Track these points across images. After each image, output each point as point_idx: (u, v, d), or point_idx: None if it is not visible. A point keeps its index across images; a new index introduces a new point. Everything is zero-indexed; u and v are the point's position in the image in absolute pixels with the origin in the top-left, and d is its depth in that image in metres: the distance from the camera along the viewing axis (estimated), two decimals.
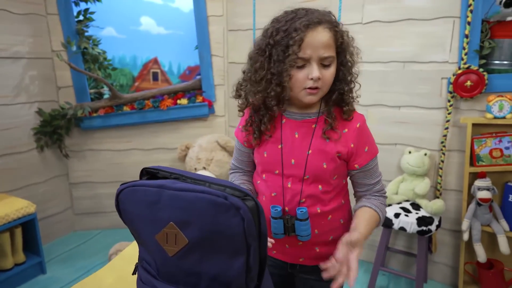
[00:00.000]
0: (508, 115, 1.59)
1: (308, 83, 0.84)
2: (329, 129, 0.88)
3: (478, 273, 1.78)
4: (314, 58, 0.82)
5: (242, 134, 0.97)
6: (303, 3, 2.04)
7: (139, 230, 0.65)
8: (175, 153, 2.48)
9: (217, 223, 0.59)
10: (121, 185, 0.67)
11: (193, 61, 2.75)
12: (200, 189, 0.60)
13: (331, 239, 0.95)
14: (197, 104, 2.42)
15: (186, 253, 0.61)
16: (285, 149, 0.91)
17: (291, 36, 0.80)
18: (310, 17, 0.82)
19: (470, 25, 1.64)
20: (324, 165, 0.88)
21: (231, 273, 0.61)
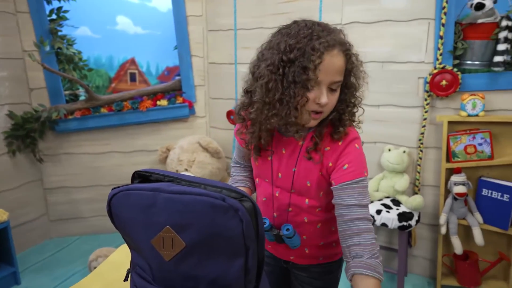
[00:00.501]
0: (480, 113, 1.67)
1: (313, 107, 0.79)
2: (312, 149, 0.85)
3: (455, 264, 1.85)
4: (325, 82, 0.78)
5: (242, 139, 0.94)
6: (284, 3, 2.07)
7: (133, 235, 0.63)
8: (156, 155, 2.44)
9: (215, 226, 0.58)
10: (113, 190, 0.65)
11: (172, 61, 2.71)
12: (197, 191, 0.59)
13: (322, 244, 0.96)
14: (177, 105, 2.39)
15: (184, 257, 0.60)
16: (274, 162, 0.91)
17: (310, 59, 0.75)
18: (327, 38, 0.77)
19: (444, 27, 1.70)
20: (308, 184, 0.87)
21: (229, 276, 0.60)
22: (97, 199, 2.48)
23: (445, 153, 1.76)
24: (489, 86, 1.69)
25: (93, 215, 2.51)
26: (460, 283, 1.84)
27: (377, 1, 1.87)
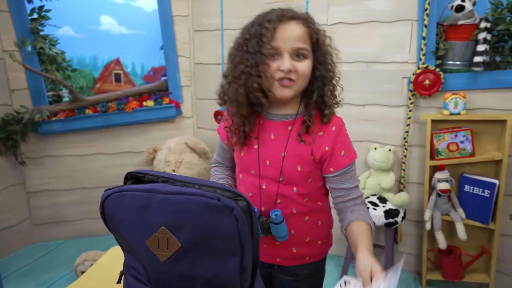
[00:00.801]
0: (462, 111, 1.72)
1: (279, 74, 0.83)
2: (304, 132, 0.88)
3: (439, 259, 1.90)
4: (286, 50, 0.82)
5: (224, 133, 0.96)
6: (271, 3, 2.07)
7: (127, 237, 0.63)
8: (142, 157, 2.41)
9: (210, 225, 0.58)
10: (106, 191, 0.64)
11: (158, 61, 2.68)
12: (192, 191, 0.59)
13: (308, 240, 0.97)
14: (163, 106, 2.37)
15: (179, 257, 0.60)
16: (261, 150, 0.90)
17: (264, 27, 0.81)
18: (284, 12, 0.84)
19: (426, 28, 1.75)
20: (298, 168, 0.88)
21: (225, 275, 0.60)
22: (83, 202, 2.44)
23: (429, 151, 1.80)
24: (470, 85, 1.75)
25: (78, 218, 2.46)
26: (444, 277, 1.89)
27: (361, 2, 1.90)
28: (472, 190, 1.77)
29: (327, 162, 0.89)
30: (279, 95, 0.85)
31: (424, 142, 1.86)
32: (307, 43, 0.85)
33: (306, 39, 0.84)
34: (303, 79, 0.85)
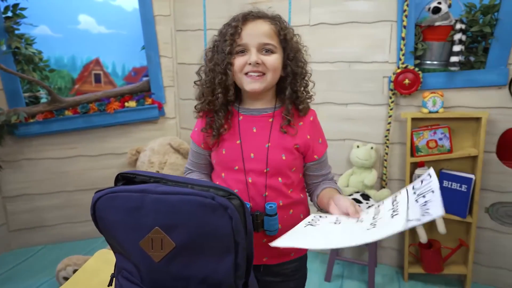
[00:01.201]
0: (440, 109, 1.78)
1: (246, 68, 0.87)
2: (286, 124, 0.92)
3: (420, 253, 1.96)
4: (252, 45, 0.87)
5: (199, 136, 0.97)
6: (252, 4, 2.09)
7: (120, 238, 0.63)
8: (125, 158, 2.37)
9: (205, 224, 0.59)
10: (97, 192, 0.64)
11: (139, 62, 2.64)
12: (186, 191, 0.59)
13: None
14: (146, 107, 2.34)
15: (173, 257, 0.60)
16: (244, 143, 0.92)
17: (231, 25, 0.87)
18: (252, 12, 0.89)
19: (405, 29, 1.80)
20: (283, 157, 0.92)
21: (220, 273, 0.61)
22: (63, 206, 2.37)
23: (409, 148, 1.86)
24: (447, 84, 1.81)
25: (58, 223, 2.39)
26: (425, 270, 1.95)
27: (342, 3, 1.94)
28: (450, 185, 1.83)
29: (311, 150, 0.95)
30: (249, 88, 0.89)
31: (405, 139, 1.91)
32: (275, 40, 0.89)
33: (273, 36, 0.88)
34: (273, 72, 0.89)
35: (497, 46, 1.71)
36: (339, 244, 0.68)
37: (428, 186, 0.71)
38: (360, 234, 0.68)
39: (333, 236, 0.71)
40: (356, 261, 2.06)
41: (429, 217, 0.60)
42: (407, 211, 0.68)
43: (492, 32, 1.69)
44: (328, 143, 1.01)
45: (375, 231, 0.66)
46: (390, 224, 0.66)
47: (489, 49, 1.73)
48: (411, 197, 0.73)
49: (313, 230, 0.75)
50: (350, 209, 0.79)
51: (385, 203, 0.79)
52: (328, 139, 1.01)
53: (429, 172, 0.74)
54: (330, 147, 1.02)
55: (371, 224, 0.71)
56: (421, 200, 0.68)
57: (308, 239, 0.71)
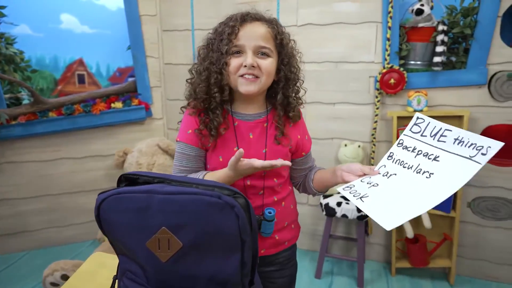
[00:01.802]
0: (424, 108, 1.84)
1: (242, 70, 0.87)
2: (280, 136, 0.94)
3: (407, 247, 2.02)
4: (249, 47, 0.86)
5: (195, 138, 0.91)
6: (241, 4, 2.09)
7: (125, 240, 0.62)
8: (111, 160, 2.33)
9: (212, 223, 0.59)
10: (101, 194, 0.63)
11: (124, 62, 2.61)
12: (192, 191, 0.60)
13: (286, 224, 1.02)
14: (133, 108, 2.31)
15: (181, 257, 0.60)
16: None
17: (229, 25, 0.86)
18: (250, 13, 0.89)
19: (390, 30, 1.85)
20: None
21: (227, 272, 0.61)
22: (47, 210, 2.31)
23: None
24: (430, 84, 1.87)
25: (43, 227, 2.33)
26: (412, 264, 2.01)
27: (329, 5, 1.97)
28: None
29: (301, 148, 0.99)
30: (243, 90, 0.89)
31: (391, 137, 1.96)
32: (271, 43, 0.89)
33: (270, 39, 0.89)
34: (267, 76, 0.89)
35: (477, 47, 1.78)
36: (437, 200, 0.69)
37: (432, 126, 0.80)
38: (432, 183, 0.72)
39: (410, 195, 0.72)
40: (345, 257, 2.10)
41: (493, 151, 0.69)
42: (445, 151, 0.76)
43: (472, 33, 1.76)
44: (317, 141, 1.05)
45: (448, 175, 0.71)
46: (459, 167, 0.71)
47: (470, 49, 1.80)
48: (426, 139, 0.80)
49: (375, 199, 0.75)
50: (365, 169, 0.84)
51: (397, 152, 0.84)
52: (317, 138, 1.05)
53: (418, 115, 0.83)
54: (318, 145, 1.07)
55: (418, 172, 0.76)
56: (448, 139, 0.76)
57: (399, 208, 0.70)
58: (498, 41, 1.75)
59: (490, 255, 1.99)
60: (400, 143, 0.85)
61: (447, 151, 0.76)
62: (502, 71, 1.77)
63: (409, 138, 0.84)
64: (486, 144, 0.70)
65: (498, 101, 1.81)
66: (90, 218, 2.42)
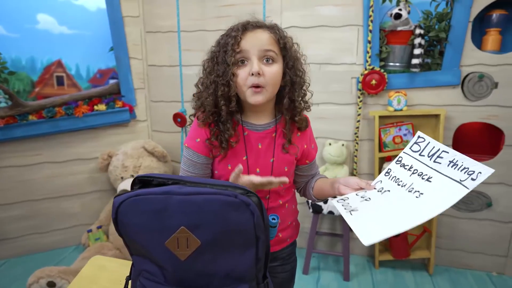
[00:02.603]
0: (404, 107, 1.93)
1: (250, 80, 0.86)
2: (288, 145, 0.95)
3: (389, 241, 2.11)
4: (253, 53, 0.86)
5: (203, 147, 0.92)
6: (225, 7, 2.12)
7: (143, 241, 0.64)
8: (95, 163, 2.30)
9: (229, 222, 0.62)
10: (118, 197, 0.64)
11: (104, 63, 2.57)
12: (209, 191, 0.62)
13: (289, 223, 1.06)
14: (116, 110, 2.28)
15: (199, 255, 0.62)
16: (250, 160, 0.94)
17: (230, 36, 0.86)
18: (250, 21, 0.89)
19: (371, 33, 1.93)
20: (285, 169, 0.97)
21: (242, 267, 0.64)
22: (28, 216, 2.24)
23: (377, 144, 1.99)
24: (409, 84, 1.97)
25: (23, 234, 2.26)
26: (394, 256, 2.10)
27: (312, 8, 2.03)
28: None
29: (305, 157, 1.01)
30: (252, 101, 0.88)
31: (373, 136, 2.05)
32: (275, 47, 0.88)
33: (274, 43, 0.88)
34: (273, 84, 0.88)
35: (451, 50, 1.89)
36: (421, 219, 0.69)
37: (431, 147, 0.81)
38: (420, 203, 0.73)
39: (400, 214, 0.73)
40: (331, 252, 2.17)
41: (483, 177, 0.69)
42: (439, 172, 0.77)
43: (446, 37, 1.87)
44: None
45: (436, 198, 0.72)
46: (448, 189, 0.72)
47: (444, 52, 1.91)
48: (423, 159, 0.81)
49: (363, 214, 0.76)
50: (361, 184, 0.84)
51: (394, 170, 0.85)
52: None
53: (419, 134, 0.84)
54: None
55: (409, 191, 0.78)
56: (443, 161, 0.77)
57: (383, 225, 0.72)
58: (470, 45, 1.87)
59: (465, 245, 2.12)
60: (399, 160, 0.86)
61: (440, 172, 0.77)
62: (474, 72, 1.89)
63: (407, 156, 0.85)
64: (477, 170, 0.71)
65: (471, 100, 1.93)
66: (73, 223, 2.37)
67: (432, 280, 2.05)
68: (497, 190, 2.01)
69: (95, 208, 2.37)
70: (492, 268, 2.12)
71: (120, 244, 2.11)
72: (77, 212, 2.35)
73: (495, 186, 2.01)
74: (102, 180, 2.37)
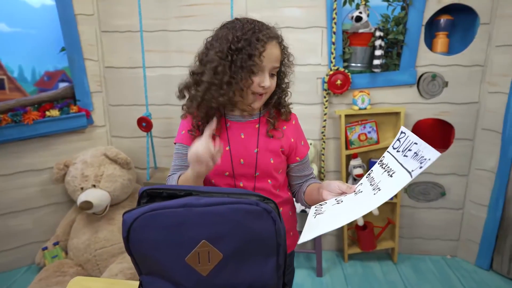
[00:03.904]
0: (368, 106, 2.02)
1: (258, 89, 0.91)
2: (272, 128, 0.98)
3: (357, 234, 2.20)
4: (267, 68, 0.90)
5: (188, 138, 0.97)
6: (187, 6, 2.05)
7: (159, 258, 0.59)
8: (48, 174, 2.11)
9: (251, 231, 0.60)
10: (129, 213, 0.59)
11: (53, 65, 2.36)
12: (230, 200, 0.60)
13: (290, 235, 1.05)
14: (71, 115, 2.10)
15: (221, 268, 0.59)
16: (233, 150, 0.95)
17: (255, 47, 0.87)
18: (268, 31, 0.91)
19: (335, 34, 1.99)
20: (271, 161, 0.97)
21: (265, 277, 0.63)
22: None
23: (344, 142, 2.07)
24: (371, 84, 2.07)
25: None
26: (362, 249, 2.20)
27: (277, 9, 2.05)
28: None
29: (294, 152, 1.01)
30: (255, 106, 0.94)
31: (339, 134, 2.12)
32: (279, 61, 0.95)
33: (280, 58, 0.94)
34: (271, 93, 0.96)
35: (407, 51, 2.02)
36: (358, 214, 0.69)
37: (407, 141, 0.76)
38: (371, 199, 0.72)
39: (347, 211, 0.73)
40: (302, 250, 2.21)
41: (429, 162, 0.66)
42: (402, 166, 0.73)
43: (403, 39, 1.99)
44: None
45: (385, 191, 0.71)
46: (396, 180, 0.71)
47: (401, 54, 2.03)
48: (397, 154, 0.78)
49: (323, 216, 0.76)
50: (342, 187, 0.84)
51: (374, 170, 0.84)
52: None
53: (402, 130, 0.81)
54: None
55: (373, 189, 0.76)
56: (410, 153, 0.73)
57: (326, 223, 0.72)
58: (423, 47, 2.02)
59: (423, 233, 2.28)
60: (381, 160, 0.84)
61: (402, 166, 0.73)
62: (428, 72, 2.04)
63: (388, 155, 0.82)
64: (427, 156, 0.68)
65: (425, 98, 2.08)
66: (23, 242, 2.15)
67: (397, 268, 2.18)
68: (450, 180, 2.19)
69: (50, 223, 2.17)
70: (447, 252, 2.31)
71: (83, 259, 1.96)
72: (29, 229, 2.13)
73: (448, 177, 2.19)
74: (56, 192, 2.17)
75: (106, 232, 1.98)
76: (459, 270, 2.16)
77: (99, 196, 1.93)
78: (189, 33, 2.09)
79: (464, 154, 2.14)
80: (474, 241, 2.19)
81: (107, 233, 1.98)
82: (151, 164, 2.16)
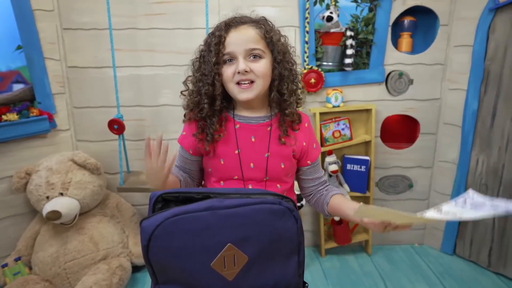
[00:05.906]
0: (341, 104, 2.08)
1: (237, 77, 0.86)
2: (284, 135, 0.93)
3: (333, 229, 2.26)
4: (239, 52, 0.86)
5: (189, 141, 0.94)
6: (157, 4, 1.98)
7: (183, 266, 0.56)
8: (6, 184, 1.93)
9: (275, 230, 0.59)
10: (147, 221, 0.55)
11: (5, 65, 2.18)
12: (253, 201, 0.58)
13: None
14: (32, 119, 1.94)
15: (247, 271, 0.58)
16: (242, 153, 0.91)
17: (215, 35, 0.87)
18: (234, 18, 0.91)
19: (308, 34, 2.02)
20: (282, 165, 0.94)
21: (288, 275, 0.62)
22: None
23: (319, 139, 2.11)
24: (343, 82, 2.13)
25: None
26: (338, 243, 2.26)
27: (250, 8, 2.01)
28: (352, 168, 2.17)
29: (305, 156, 0.99)
30: (240, 98, 0.88)
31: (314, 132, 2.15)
32: (261, 44, 0.89)
33: (259, 40, 0.89)
34: (263, 78, 0.88)
35: (376, 51, 2.10)
36: None
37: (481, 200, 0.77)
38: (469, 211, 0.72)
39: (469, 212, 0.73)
40: None
41: None
42: None
43: (372, 39, 2.07)
44: None
45: None
46: None
47: (370, 53, 2.11)
48: None
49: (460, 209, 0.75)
50: None
51: None
52: None
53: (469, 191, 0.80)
54: None
55: None
56: None
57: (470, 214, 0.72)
58: (390, 46, 2.11)
59: None
60: None
61: None
62: (395, 70, 2.14)
63: None
64: None
65: (393, 95, 2.18)
66: None
67: (372, 259, 2.27)
68: (416, 172, 2.31)
69: (10, 237, 1.99)
70: (415, 240, 2.44)
71: (51, 274, 1.82)
72: None
73: (414, 169, 2.31)
74: (16, 203, 2.00)
75: (77, 243, 1.85)
76: (427, 257, 2.29)
77: (67, 205, 1.80)
78: (160, 31, 2.02)
79: (428, 147, 2.27)
80: (439, 229, 2.33)
81: (77, 244, 1.85)
82: (124, 168, 2.06)
